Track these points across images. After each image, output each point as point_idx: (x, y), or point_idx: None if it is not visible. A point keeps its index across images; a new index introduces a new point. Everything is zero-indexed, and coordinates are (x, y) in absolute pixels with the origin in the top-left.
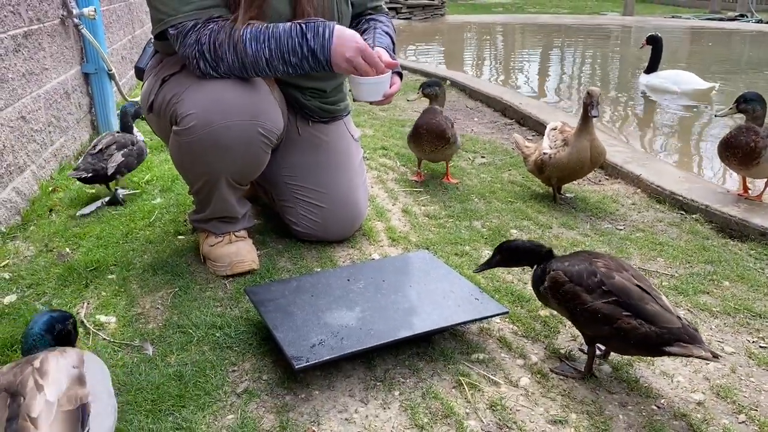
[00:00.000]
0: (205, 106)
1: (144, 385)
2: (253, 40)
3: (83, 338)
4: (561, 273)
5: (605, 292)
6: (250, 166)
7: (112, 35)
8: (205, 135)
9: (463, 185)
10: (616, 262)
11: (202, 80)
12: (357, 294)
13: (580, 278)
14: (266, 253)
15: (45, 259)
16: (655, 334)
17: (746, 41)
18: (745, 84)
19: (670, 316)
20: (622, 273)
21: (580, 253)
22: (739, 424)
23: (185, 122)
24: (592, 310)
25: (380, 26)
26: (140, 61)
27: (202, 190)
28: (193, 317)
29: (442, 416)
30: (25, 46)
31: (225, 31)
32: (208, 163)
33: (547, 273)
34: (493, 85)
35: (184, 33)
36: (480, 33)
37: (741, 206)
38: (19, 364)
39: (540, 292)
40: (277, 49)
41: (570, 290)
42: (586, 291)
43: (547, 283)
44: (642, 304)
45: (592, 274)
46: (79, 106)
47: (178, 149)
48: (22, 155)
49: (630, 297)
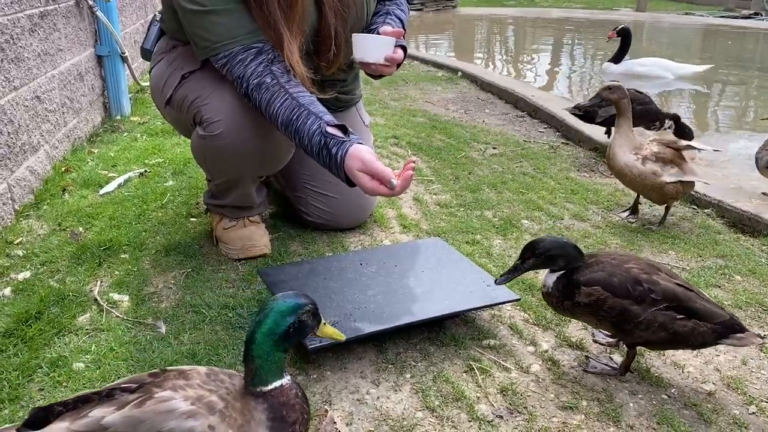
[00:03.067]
0: (232, 114)
1: (157, 362)
2: (282, 127)
3: (96, 315)
4: (599, 288)
5: (655, 300)
6: (274, 164)
7: (125, 19)
8: (232, 142)
9: (474, 175)
10: (647, 264)
11: (228, 83)
12: (369, 278)
13: (624, 290)
14: (278, 238)
15: (58, 238)
16: (711, 330)
17: (759, 39)
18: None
19: (719, 311)
20: (660, 275)
21: (602, 257)
22: (749, 415)
23: (212, 128)
24: (648, 321)
25: (393, 9)
26: (146, 41)
27: (223, 184)
28: (206, 297)
29: (453, 399)
30: (41, 27)
31: (264, 97)
32: (234, 165)
33: (575, 286)
34: (504, 78)
35: (233, 62)
36: (491, 26)
37: (753, 202)
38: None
39: (566, 306)
40: (300, 145)
41: (617, 305)
42: (635, 303)
43: (585, 300)
44: (692, 304)
45: (636, 282)
46: (92, 88)
47: (203, 150)
48: (36, 135)
49: (680, 300)
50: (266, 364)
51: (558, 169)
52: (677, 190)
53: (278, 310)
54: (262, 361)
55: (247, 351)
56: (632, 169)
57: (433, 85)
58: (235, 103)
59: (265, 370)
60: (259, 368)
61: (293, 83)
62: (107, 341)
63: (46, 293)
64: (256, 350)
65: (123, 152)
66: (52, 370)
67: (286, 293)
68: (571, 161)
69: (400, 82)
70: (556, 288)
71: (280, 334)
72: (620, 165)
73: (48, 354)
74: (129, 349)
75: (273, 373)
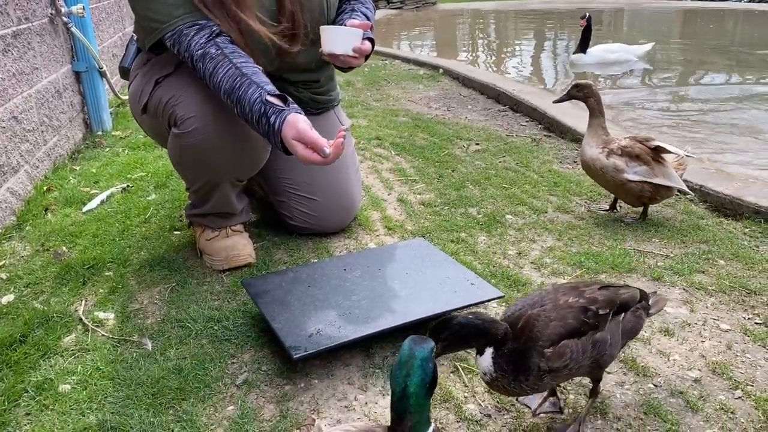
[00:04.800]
0: (205, 109)
1: (144, 380)
2: (225, 96)
3: (82, 335)
4: (567, 342)
5: (605, 315)
6: (251, 164)
7: (102, 33)
8: (207, 137)
9: (458, 173)
10: (567, 288)
11: (199, 82)
12: (353, 283)
13: (584, 325)
14: (262, 246)
15: (42, 258)
16: (643, 310)
17: (739, 19)
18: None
19: (633, 290)
20: (585, 289)
21: (521, 309)
22: (735, 400)
23: (186, 125)
24: (611, 339)
25: (358, 7)
26: (124, 60)
27: (202, 189)
28: (191, 311)
29: (442, 401)
30: (15, 46)
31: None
32: (210, 164)
33: (527, 357)
34: (486, 73)
35: (180, 38)
36: (472, 21)
37: (734, 185)
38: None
39: (525, 384)
40: (241, 114)
41: (586, 346)
42: (596, 329)
43: (557, 363)
44: (621, 297)
45: (585, 310)
46: (71, 104)
47: (179, 151)
48: (15, 155)
49: (615, 301)
50: (422, 417)
51: (541, 162)
52: (642, 189)
53: (421, 358)
54: (419, 415)
55: (402, 407)
56: (595, 162)
57: (414, 84)
58: (208, 99)
59: (422, 423)
60: (417, 423)
61: (238, 54)
62: (93, 361)
63: (31, 316)
64: (414, 405)
65: (105, 168)
66: (39, 394)
67: (413, 337)
68: (554, 154)
69: (382, 81)
70: (500, 369)
71: (429, 382)
72: (585, 159)
73: (33, 377)
74: (115, 368)
75: (426, 423)
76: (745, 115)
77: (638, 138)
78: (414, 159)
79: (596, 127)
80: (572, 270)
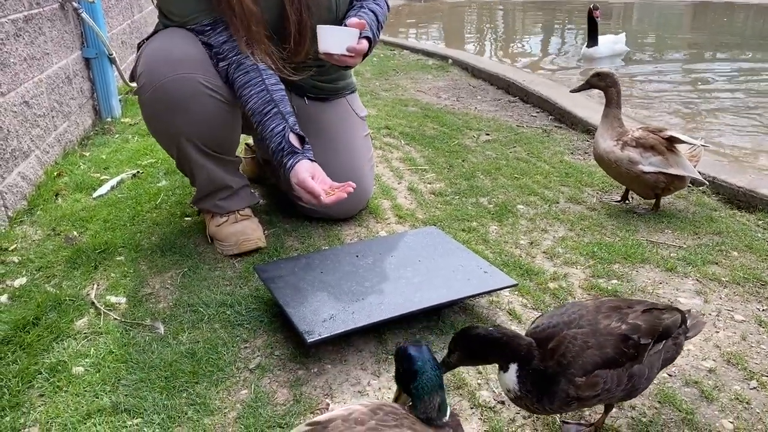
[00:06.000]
0: (153, 64)
1: (157, 363)
2: (249, 111)
3: (94, 318)
4: (601, 372)
5: (646, 345)
6: (208, 123)
7: (111, 20)
8: (154, 92)
9: (468, 163)
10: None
11: (155, 38)
12: (366, 269)
13: (622, 355)
14: (274, 233)
15: (53, 243)
16: (682, 335)
17: (750, 13)
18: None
19: (675, 314)
20: (628, 312)
21: (554, 327)
22: (750, 390)
23: (139, 82)
24: (649, 371)
25: (367, 3)
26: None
27: (179, 161)
28: (203, 296)
29: (455, 387)
30: (26, 31)
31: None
32: (165, 121)
33: (554, 381)
34: (495, 63)
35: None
36: (480, 11)
37: (748, 177)
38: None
39: (550, 407)
40: (260, 134)
41: (622, 378)
42: (635, 361)
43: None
44: (664, 323)
45: (625, 339)
46: (81, 91)
47: (143, 112)
48: (26, 140)
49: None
50: (444, 397)
51: (552, 152)
52: (657, 180)
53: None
54: (443, 392)
55: (425, 384)
56: (609, 155)
57: (424, 74)
58: (158, 54)
59: (445, 401)
60: (443, 400)
61: (269, 72)
62: (106, 344)
63: (43, 299)
64: (437, 385)
65: (115, 154)
66: (52, 376)
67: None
68: (565, 144)
69: (391, 72)
70: (525, 389)
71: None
72: (599, 151)
73: (47, 359)
74: (128, 351)
75: (447, 403)
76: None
77: (651, 128)
78: (424, 149)
79: (612, 118)
80: (585, 260)
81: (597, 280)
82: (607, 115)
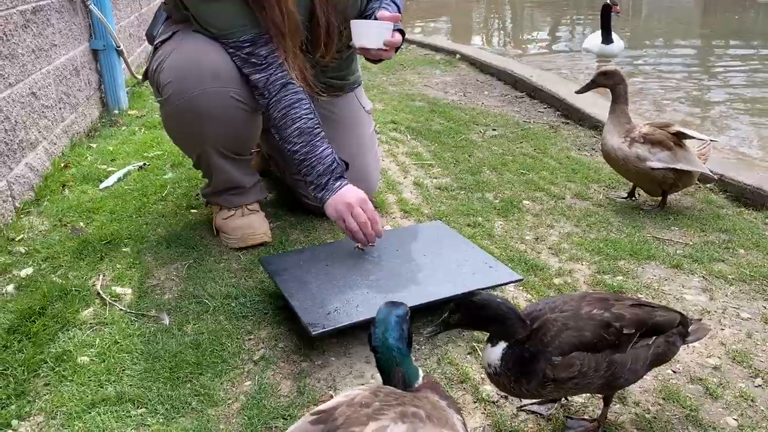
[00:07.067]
0: (180, 74)
1: (162, 354)
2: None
3: (100, 309)
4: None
5: (630, 335)
6: (235, 133)
7: (119, 12)
8: (183, 104)
9: (475, 158)
10: (594, 298)
11: (181, 45)
12: (371, 263)
13: (601, 340)
14: (279, 226)
15: (59, 233)
16: (678, 336)
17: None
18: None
19: (673, 313)
20: (614, 303)
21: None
22: (755, 388)
23: (165, 92)
24: (632, 362)
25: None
26: (152, 27)
27: (199, 162)
28: (208, 288)
29: (458, 381)
30: (34, 22)
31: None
32: (193, 132)
33: (535, 360)
34: (503, 58)
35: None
36: (488, 6)
37: (756, 174)
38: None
39: (527, 387)
40: (305, 153)
41: (601, 363)
42: (616, 349)
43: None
44: (655, 320)
45: (606, 326)
46: (88, 82)
47: (166, 120)
48: (34, 131)
49: (646, 322)
50: (410, 368)
51: (558, 148)
52: (665, 177)
53: (397, 315)
54: (407, 366)
55: (387, 361)
56: (617, 152)
57: (431, 69)
58: (185, 64)
59: (411, 372)
60: (407, 372)
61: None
62: (111, 334)
63: (49, 289)
64: (399, 357)
65: (122, 146)
66: (57, 365)
67: (388, 302)
68: (572, 141)
69: (398, 66)
70: (505, 367)
71: (407, 338)
72: (607, 148)
73: (53, 349)
74: (133, 342)
75: (415, 372)
76: None
77: (657, 124)
78: (430, 143)
79: (619, 114)
80: (590, 256)
81: (602, 276)
82: (614, 112)
